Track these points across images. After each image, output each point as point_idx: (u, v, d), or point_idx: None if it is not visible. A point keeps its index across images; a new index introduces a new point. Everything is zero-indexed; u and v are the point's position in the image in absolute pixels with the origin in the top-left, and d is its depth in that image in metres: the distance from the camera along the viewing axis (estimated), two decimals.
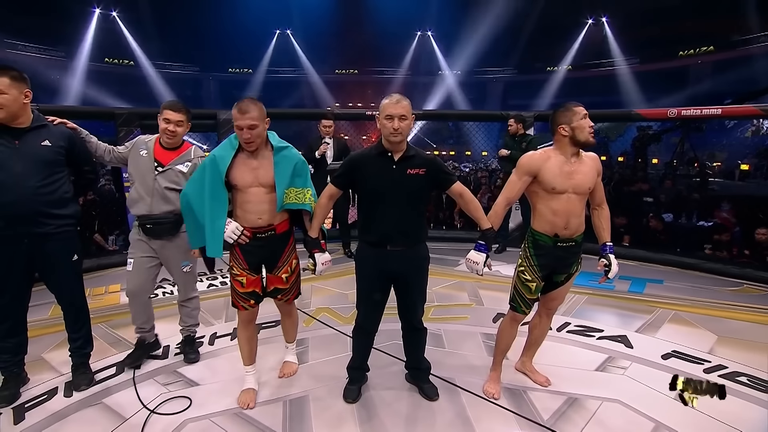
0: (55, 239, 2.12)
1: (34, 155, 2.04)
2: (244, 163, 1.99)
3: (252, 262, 2.06)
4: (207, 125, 5.16)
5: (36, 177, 2.02)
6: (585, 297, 3.58)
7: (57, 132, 2.14)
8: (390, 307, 2.15)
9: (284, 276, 2.13)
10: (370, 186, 1.99)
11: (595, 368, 2.53)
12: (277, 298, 2.20)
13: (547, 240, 2.10)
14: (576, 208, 2.07)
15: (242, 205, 2.01)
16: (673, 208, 6.07)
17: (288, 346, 2.49)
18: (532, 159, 2.08)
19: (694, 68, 16.65)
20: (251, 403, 2.15)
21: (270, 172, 1.99)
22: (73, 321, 2.31)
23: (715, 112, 4.49)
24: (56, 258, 2.16)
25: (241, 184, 1.99)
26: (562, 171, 2.04)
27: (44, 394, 2.25)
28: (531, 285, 2.14)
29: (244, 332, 2.19)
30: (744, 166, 9.73)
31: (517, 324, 2.27)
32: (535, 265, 2.13)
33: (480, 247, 2.03)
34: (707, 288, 3.85)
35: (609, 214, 2.25)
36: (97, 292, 3.74)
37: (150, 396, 2.23)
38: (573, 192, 2.05)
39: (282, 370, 2.43)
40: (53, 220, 2.09)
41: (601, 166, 2.16)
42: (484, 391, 2.27)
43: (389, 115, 1.89)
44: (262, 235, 2.03)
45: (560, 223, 2.06)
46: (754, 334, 2.96)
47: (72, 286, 2.27)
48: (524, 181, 2.09)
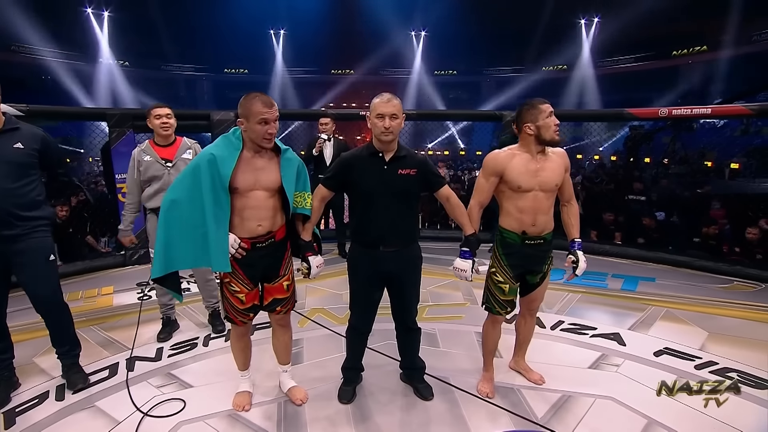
0: (25, 241, 2.09)
1: (6, 157, 2.02)
2: (246, 164, 1.84)
3: (252, 276, 1.93)
4: (200, 126, 5.13)
5: (8, 179, 2.01)
6: (578, 295, 3.60)
7: (30, 134, 2.12)
8: (384, 307, 2.15)
9: (285, 284, 2.02)
10: (362, 187, 1.99)
11: (589, 366, 2.55)
12: (275, 311, 2.05)
13: (515, 238, 2.10)
14: (543, 205, 2.07)
15: (241, 211, 1.84)
16: (665, 207, 6.14)
17: (285, 370, 2.26)
18: (496, 159, 2.09)
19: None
20: (246, 405, 2.14)
21: (273, 174, 1.88)
22: (56, 325, 2.26)
23: (705, 112, 4.55)
24: (30, 259, 2.12)
25: (242, 186, 1.82)
26: (527, 169, 2.04)
27: (35, 398, 2.23)
28: (504, 287, 2.14)
29: (239, 343, 2.12)
30: (734, 164, 9.84)
31: (498, 324, 2.27)
32: (506, 265, 2.13)
33: (465, 254, 2.04)
34: (698, 285, 3.89)
35: (578, 210, 2.26)
36: (89, 294, 3.71)
37: (143, 398, 2.22)
38: (540, 189, 2.05)
39: (295, 396, 2.20)
40: (24, 222, 2.07)
41: (569, 162, 2.17)
42: (478, 390, 2.28)
43: (380, 113, 1.89)
44: (262, 245, 1.89)
45: (527, 221, 2.07)
46: (744, 330, 3.00)
47: (47, 287, 2.19)
48: (492, 182, 2.10)
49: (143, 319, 3.06)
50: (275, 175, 1.88)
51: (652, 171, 9.05)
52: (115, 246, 5.15)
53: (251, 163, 1.85)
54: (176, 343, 2.81)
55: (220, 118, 4.89)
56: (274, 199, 1.91)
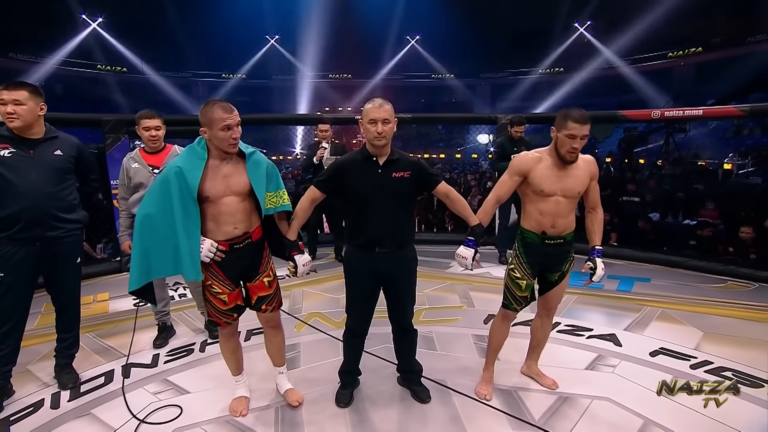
0: (64, 243, 2.26)
1: (48, 163, 2.20)
2: (214, 172, 1.85)
3: (233, 276, 1.96)
4: (195, 131, 5.12)
5: (49, 183, 2.18)
6: (574, 297, 3.62)
7: (67, 142, 2.31)
8: (381, 311, 2.16)
9: (266, 280, 2.04)
10: (357, 190, 2.00)
11: (585, 367, 2.56)
12: (261, 310, 2.06)
13: (534, 238, 2.13)
14: (563, 210, 2.08)
15: (215, 217, 1.87)
16: (659, 208, 6.19)
17: (281, 372, 2.27)
18: (523, 160, 2.09)
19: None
20: (243, 410, 2.14)
21: (242, 179, 1.89)
22: (67, 321, 2.39)
23: (697, 113, 4.59)
24: (63, 260, 2.29)
25: (213, 194, 1.84)
26: (551, 174, 2.04)
27: (30, 406, 2.21)
28: (521, 282, 2.16)
29: (228, 345, 2.12)
30: (726, 165, 9.94)
31: (508, 321, 2.28)
32: (525, 263, 2.15)
33: (469, 243, 2.06)
34: (693, 285, 3.92)
35: (602, 218, 2.24)
36: (85, 300, 3.65)
37: (140, 405, 2.20)
38: (562, 195, 2.05)
39: (291, 398, 2.22)
40: (64, 224, 2.24)
41: (597, 170, 2.15)
42: (476, 392, 2.28)
43: (373, 119, 1.91)
44: (239, 246, 1.92)
45: (547, 223, 2.09)
46: (738, 329, 3.02)
47: (72, 288, 2.39)
48: (515, 181, 2.11)
49: (139, 325, 3.03)
50: (244, 179, 1.90)
51: (645, 172, 9.12)
52: (111, 252, 5.12)
53: (218, 171, 1.87)
54: (172, 349, 2.80)
55: None
56: (246, 202, 1.93)
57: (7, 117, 2.09)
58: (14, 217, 2.10)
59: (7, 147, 2.12)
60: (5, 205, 2.09)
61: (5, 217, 2.10)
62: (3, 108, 2.08)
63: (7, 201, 2.09)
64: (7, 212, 2.09)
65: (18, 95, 2.09)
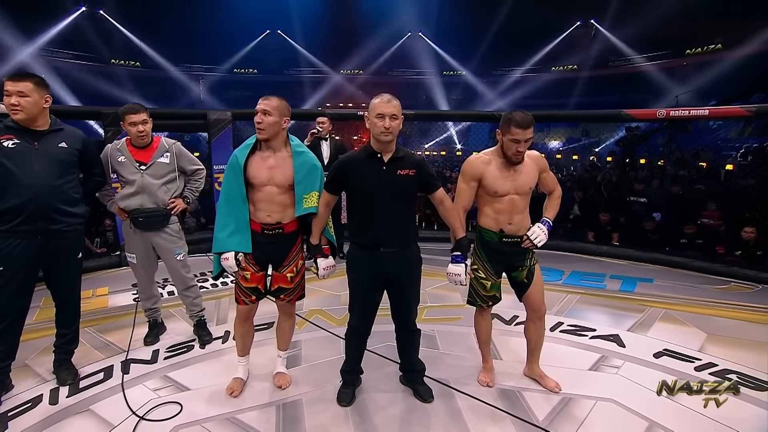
0: (65, 237, 2.23)
1: (52, 156, 2.17)
2: (260, 161, 2.05)
3: (258, 258, 2.10)
4: (197, 125, 5.09)
5: (53, 176, 2.15)
6: (577, 296, 3.60)
7: (73, 135, 2.28)
8: (383, 309, 2.14)
9: (289, 275, 2.15)
10: (361, 188, 1.98)
11: (589, 368, 2.54)
12: (280, 298, 2.20)
13: (493, 236, 2.18)
14: (519, 206, 2.15)
15: (255, 202, 2.07)
16: (662, 208, 6.15)
17: (280, 355, 2.39)
18: (474, 165, 2.16)
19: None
20: (236, 391, 2.21)
21: (286, 173, 2.04)
22: (66, 316, 2.37)
23: (703, 113, 4.56)
24: (64, 255, 2.26)
25: (256, 181, 2.04)
26: (502, 174, 2.12)
27: (28, 401, 2.19)
28: (485, 283, 2.22)
29: (241, 328, 2.24)
30: (728, 166, 9.90)
31: (487, 314, 2.34)
32: (486, 262, 2.21)
33: (457, 258, 2.08)
34: (696, 286, 3.90)
35: (559, 194, 2.31)
36: (84, 295, 3.58)
37: (139, 402, 2.18)
38: (515, 193, 2.13)
39: (278, 381, 2.32)
40: (66, 218, 2.21)
41: (545, 163, 2.23)
42: (478, 380, 2.34)
43: (381, 113, 1.89)
44: (269, 232, 2.08)
45: (504, 220, 2.15)
46: (741, 331, 3.01)
47: (73, 283, 2.36)
48: (472, 187, 2.17)
49: (139, 320, 3.02)
50: (287, 174, 2.04)
51: (646, 172, 9.08)
52: (110, 246, 5.09)
53: (264, 160, 2.06)
54: (172, 345, 2.77)
55: (217, 117, 4.86)
56: (285, 195, 2.06)
57: (12, 108, 2.07)
58: (17, 209, 2.07)
59: (11, 138, 2.10)
60: (8, 197, 2.07)
61: (7, 209, 2.07)
62: (7, 99, 2.06)
63: (9, 192, 2.07)
64: (10, 204, 2.07)
65: (22, 87, 2.06)
